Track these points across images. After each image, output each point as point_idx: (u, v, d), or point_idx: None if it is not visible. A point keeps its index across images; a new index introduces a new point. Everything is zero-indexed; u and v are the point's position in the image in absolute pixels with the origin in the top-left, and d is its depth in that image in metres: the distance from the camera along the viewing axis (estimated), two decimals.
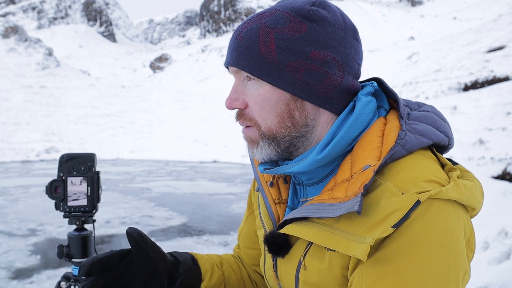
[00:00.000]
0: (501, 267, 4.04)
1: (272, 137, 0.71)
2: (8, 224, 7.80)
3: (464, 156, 9.93)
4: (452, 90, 21.55)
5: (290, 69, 0.67)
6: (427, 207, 0.58)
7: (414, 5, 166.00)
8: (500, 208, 6.39)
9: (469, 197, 0.63)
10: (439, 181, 0.61)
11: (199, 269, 0.90)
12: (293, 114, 0.69)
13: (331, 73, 0.68)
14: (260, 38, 0.67)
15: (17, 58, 57.88)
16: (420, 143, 0.65)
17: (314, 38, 0.67)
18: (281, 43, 0.67)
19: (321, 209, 0.64)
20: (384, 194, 0.60)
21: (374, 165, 0.62)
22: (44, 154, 29.13)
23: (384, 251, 0.58)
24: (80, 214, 1.01)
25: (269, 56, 0.67)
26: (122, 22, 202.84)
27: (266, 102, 0.69)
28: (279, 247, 0.73)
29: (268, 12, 0.70)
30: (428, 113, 0.71)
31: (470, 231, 0.65)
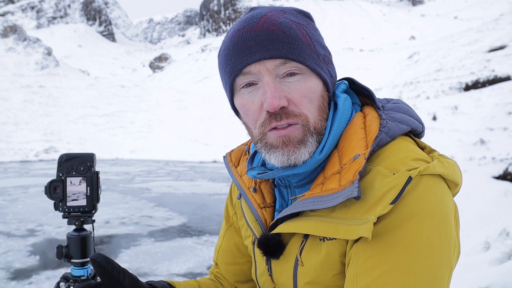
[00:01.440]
0: (502, 267, 4.03)
1: (318, 130, 0.70)
2: (7, 224, 7.78)
3: (465, 156, 9.92)
4: (453, 89, 21.56)
5: (325, 61, 0.71)
6: (417, 182, 0.61)
7: (415, 4, 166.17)
8: (501, 208, 6.38)
9: (453, 172, 0.67)
10: (424, 159, 0.65)
11: None
12: (325, 105, 0.72)
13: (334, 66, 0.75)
14: (299, 30, 0.68)
15: (16, 58, 57.88)
16: (401, 129, 0.69)
17: (321, 35, 0.73)
18: (313, 36, 0.70)
19: (316, 201, 0.65)
20: (376, 177, 0.63)
21: (363, 153, 0.65)
22: (43, 154, 29.13)
23: (379, 226, 0.60)
24: (80, 214, 1.00)
25: (311, 48, 0.69)
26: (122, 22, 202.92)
27: (314, 94, 0.69)
28: (274, 248, 0.72)
29: (277, 9, 0.70)
30: (399, 104, 0.76)
31: (454, 206, 0.68)
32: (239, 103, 0.71)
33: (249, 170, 0.78)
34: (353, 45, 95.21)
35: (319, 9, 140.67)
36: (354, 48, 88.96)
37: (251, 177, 0.78)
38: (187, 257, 5.87)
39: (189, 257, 5.84)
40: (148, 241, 6.70)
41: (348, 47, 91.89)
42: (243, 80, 0.69)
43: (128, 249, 6.24)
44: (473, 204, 6.85)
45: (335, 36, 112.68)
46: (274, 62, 0.66)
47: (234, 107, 0.76)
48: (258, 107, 0.68)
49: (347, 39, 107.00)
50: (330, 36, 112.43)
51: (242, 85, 0.70)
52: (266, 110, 0.67)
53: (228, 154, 0.93)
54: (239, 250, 0.94)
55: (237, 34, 0.68)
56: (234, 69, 0.69)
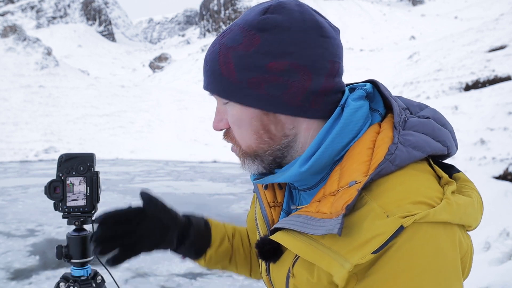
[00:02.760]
0: (502, 267, 4.03)
1: (253, 154, 0.71)
2: (7, 224, 7.78)
3: (465, 156, 9.92)
4: (453, 89, 21.56)
5: (252, 85, 0.66)
6: (414, 232, 0.55)
7: (415, 4, 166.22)
8: (501, 208, 6.38)
9: (462, 216, 0.60)
10: (428, 201, 0.58)
11: (209, 235, 0.93)
12: (269, 128, 0.68)
13: (293, 80, 0.64)
14: (220, 60, 0.67)
15: (16, 58, 57.89)
16: (411, 157, 0.62)
17: (268, 49, 0.64)
18: (238, 61, 0.66)
19: (305, 223, 0.63)
20: (368, 215, 0.58)
21: (359, 182, 0.60)
22: (43, 154, 29.12)
23: (371, 278, 0.57)
24: (79, 214, 1.00)
25: (230, 76, 0.66)
26: (122, 22, 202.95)
27: (241, 122, 0.69)
28: (268, 253, 0.72)
29: (228, 29, 0.69)
30: (427, 120, 0.67)
31: (466, 247, 0.62)
32: None
33: (251, 174, 0.79)
34: (353, 45, 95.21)
35: (319, 9, 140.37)
36: (354, 48, 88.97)
37: (251, 180, 0.80)
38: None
39: None
40: None
41: (348, 47, 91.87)
42: None
43: None
44: None
45: None
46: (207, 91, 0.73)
47: None
48: None
49: (347, 39, 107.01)
50: None
51: None
52: None
53: None
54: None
55: None
56: None
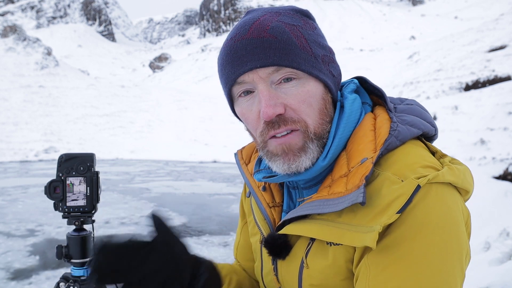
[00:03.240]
0: (502, 267, 4.03)
1: (319, 135, 0.68)
2: (7, 224, 7.78)
3: (465, 156, 9.92)
4: (453, 89, 21.56)
5: (324, 61, 0.69)
6: (426, 192, 0.60)
7: (415, 4, 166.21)
8: (501, 208, 6.38)
9: (463, 179, 0.65)
10: (434, 166, 0.63)
11: (219, 274, 0.81)
12: (327, 108, 0.70)
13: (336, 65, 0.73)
14: (293, 34, 0.66)
15: (16, 58, 57.87)
16: (411, 133, 0.67)
17: (321, 34, 0.71)
18: (310, 37, 0.68)
19: (322, 205, 0.64)
20: (384, 183, 0.61)
21: (371, 157, 0.63)
22: (43, 154, 29.12)
23: (389, 238, 0.60)
24: (79, 214, 1.00)
25: (307, 50, 0.67)
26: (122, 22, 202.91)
27: (313, 98, 0.68)
28: (279, 248, 0.72)
29: (271, 12, 0.68)
30: (413, 106, 0.74)
31: (467, 214, 0.67)
32: (239, 112, 0.73)
33: (255, 173, 0.79)
34: (353, 45, 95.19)
35: (319, 9, 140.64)
36: (354, 48, 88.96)
37: (257, 180, 0.78)
38: None
39: None
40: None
41: (348, 47, 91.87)
42: (239, 89, 0.69)
43: None
44: (473, 204, 6.82)
45: (335, 36, 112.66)
46: (266, 70, 0.65)
47: (236, 114, 0.76)
48: (256, 116, 0.68)
49: (347, 39, 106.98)
50: (330, 36, 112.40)
51: (239, 94, 0.70)
52: (263, 119, 0.67)
53: (239, 152, 0.93)
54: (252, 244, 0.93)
55: (230, 43, 0.68)
56: (228, 79, 0.69)
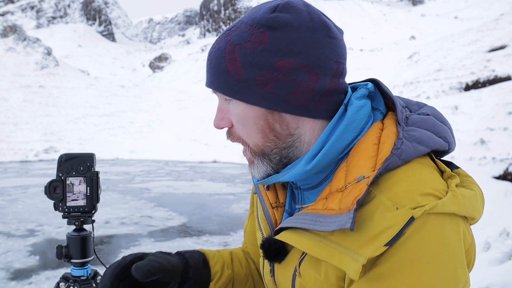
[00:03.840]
0: (502, 267, 4.03)
1: (261, 153, 0.70)
2: (7, 224, 7.78)
3: (465, 156, 9.91)
4: (453, 89, 21.55)
5: (258, 83, 0.65)
6: (422, 223, 0.56)
7: (415, 4, 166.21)
8: (501, 208, 6.38)
9: (467, 208, 0.61)
10: (435, 193, 0.59)
11: (209, 271, 0.90)
12: (274, 127, 0.68)
13: (300, 80, 0.65)
14: (226, 57, 0.66)
15: (16, 58, 57.88)
16: (417, 151, 0.63)
17: (277, 47, 0.64)
18: (245, 58, 0.65)
19: (314, 220, 0.63)
20: (378, 208, 0.58)
21: (368, 177, 0.60)
22: (43, 154, 29.11)
23: (380, 268, 0.57)
24: (79, 214, 1.00)
25: (236, 74, 0.66)
26: (122, 22, 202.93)
27: (246, 120, 0.68)
28: (274, 253, 0.72)
29: (234, 27, 0.69)
30: (428, 117, 0.69)
31: (471, 240, 0.64)
32: None
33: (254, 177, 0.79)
34: (353, 45, 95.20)
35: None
36: (354, 48, 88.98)
37: (254, 182, 0.79)
38: None
39: None
40: (148, 241, 6.70)
41: (348, 47, 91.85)
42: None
43: (128, 249, 6.23)
44: None
45: None
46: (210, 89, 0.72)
47: None
48: None
49: (347, 39, 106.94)
50: None
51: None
52: None
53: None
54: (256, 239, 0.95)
55: None
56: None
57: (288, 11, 0.66)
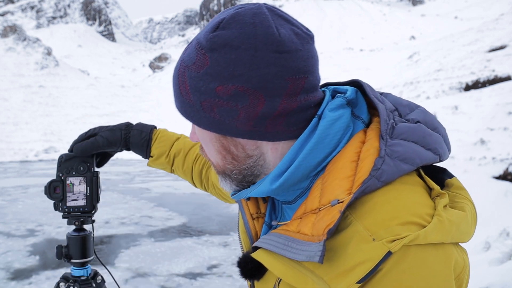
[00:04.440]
0: (502, 267, 4.03)
1: (223, 172, 0.68)
2: (7, 224, 7.78)
3: (465, 156, 9.91)
4: (453, 89, 21.55)
5: (205, 108, 0.61)
6: (402, 256, 0.51)
7: (415, 4, 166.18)
8: (501, 208, 6.38)
9: (455, 234, 0.55)
10: (417, 221, 0.53)
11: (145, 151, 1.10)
12: (230, 150, 0.65)
13: (242, 105, 0.59)
14: (179, 79, 0.64)
15: (16, 58, 57.88)
16: (400, 171, 0.57)
17: (216, 71, 0.59)
18: (192, 82, 0.61)
19: (286, 245, 0.59)
20: (353, 237, 0.54)
21: (342, 202, 0.55)
22: (43, 154, 29.12)
23: None
24: (79, 214, 1.00)
25: (187, 97, 0.63)
26: (122, 22, 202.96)
27: (204, 141, 0.67)
28: (250, 272, 0.67)
29: (189, 44, 0.65)
30: (417, 126, 0.62)
31: (463, 263, 0.58)
32: None
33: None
34: (353, 45, 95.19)
35: (319, 9, 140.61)
36: (354, 48, 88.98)
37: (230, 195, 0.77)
38: (187, 257, 5.86)
39: (189, 257, 5.84)
40: (148, 241, 6.70)
41: (348, 47, 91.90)
42: None
43: (128, 249, 6.23)
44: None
45: (335, 36, 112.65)
46: None
47: None
48: None
49: (347, 39, 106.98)
50: (330, 36, 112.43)
51: None
52: None
53: None
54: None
55: None
56: None
57: (230, 27, 0.59)
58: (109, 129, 1.04)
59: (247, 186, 0.68)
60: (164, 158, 1.10)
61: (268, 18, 0.59)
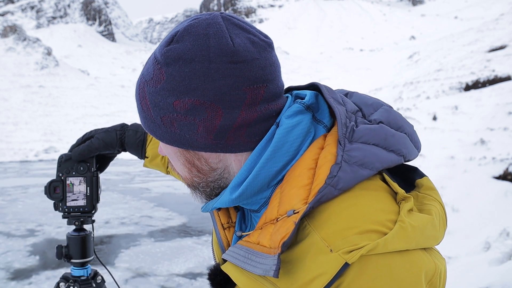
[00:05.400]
0: (502, 267, 4.03)
1: (191, 185, 0.68)
2: (7, 224, 7.78)
3: (465, 156, 9.91)
4: (453, 89, 21.55)
5: (165, 123, 0.61)
6: (361, 267, 0.49)
7: (415, 4, 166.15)
8: (501, 208, 6.38)
9: (419, 240, 0.52)
10: (378, 228, 0.51)
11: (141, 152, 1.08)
12: (194, 163, 0.64)
13: (200, 119, 0.58)
14: (140, 95, 0.63)
15: (16, 58, 57.88)
16: (358, 177, 0.54)
17: (172, 86, 0.58)
18: (151, 97, 0.61)
19: (246, 257, 0.58)
20: (310, 249, 0.52)
21: (297, 212, 0.53)
22: (43, 154, 29.12)
23: None
24: (79, 214, 1.00)
25: (148, 113, 0.62)
26: (122, 22, 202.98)
27: (170, 155, 0.67)
28: (220, 284, 0.67)
29: (148, 59, 0.64)
30: (379, 127, 0.59)
31: (434, 267, 0.54)
32: None
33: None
34: (353, 45, 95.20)
35: (319, 9, 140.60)
36: (354, 48, 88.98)
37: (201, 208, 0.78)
38: (187, 257, 5.86)
39: (189, 257, 5.84)
40: (148, 241, 6.70)
41: (348, 47, 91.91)
42: None
43: (128, 249, 6.23)
44: (473, 204, 6.84)
45: (335, 36, 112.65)
46: None
47: None
48: None
49: (347, 39, 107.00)
50: (330, 36, 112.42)
51: None
52: None
53: None
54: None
55: None
56: None
57: (184, 40, 0.58)
58: (104, 130, 1.03)
59: (214, 196, 0.68)
60: (159, 159, 1.08)
61: (222, 28, 0.58)
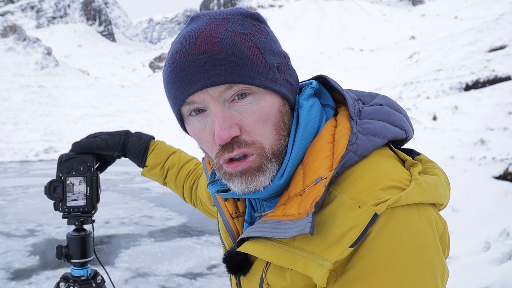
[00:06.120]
0: (502, 267, 4.03)
1: (277, 153, 0.63)
2: (7, 224, 7.78)
3: (465, 156, 9.91)
4: (453, 89, 21.55)
5: (279, 71, 0.64)
6: (388, 218, 0.54)
7: (415, 4, 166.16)
8: (501, 208, 6.38)
9: (433, 194, 0.59)
10: (398, 185, 0.56)
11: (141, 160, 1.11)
12: (284, 121, 0.65)
13: (294, 69, 0.68)
14: (244, 44, 0.60)
15: (16, 58, 57.87)
16: (373, 144, 0.61)
17: (274, 39, 0.66)
18: (262, 46, 0.62)
19: (274, 227, 0.60)
20: (340, 208, 0.56)
21: (325, 178, 0.57)
22: (43, 154, 29.12)
23: (352, 272, 0.55)
24: (79, 214, 1.00)
25: (261, 61, 0.61)
26: (122, 22, 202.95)
27: (269, 115, 0.62)
28: (237, 266, 0.68)
29: (219, 19, 0.62)
30: (381, 107, 0.66)
31: (443, 227, 0.61)
32: (191, 132, 0.67)
33: (209, 184, 0.75)
34: (353, 45, 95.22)
35: (319, 9, 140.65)
36: (354, 48, 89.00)
37: (210, 192, 0.74)
38: (187, 257, 5.87)
39: (189, 257, 5.84)
40: (148, 241, 6.70)
41: (348, 47, 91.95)
42: (189, 108, 0.64)
43: (128, 249, 6.23)
44: (473, 204, 6.84)
45: (335, 36, 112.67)
46: (218, 88, 0.60)
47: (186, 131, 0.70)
48: (211, 136, 0.63)
49: (347, 39, 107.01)
50: (330, 36, 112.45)
51: (189, 113, 0.64)
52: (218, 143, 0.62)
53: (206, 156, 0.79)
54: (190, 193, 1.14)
55: (175, 59, 0.62)
56: (177, 100, 0.63)
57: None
58: (109, 133, 1.07)
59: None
60: (158, 169, 1.12)
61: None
